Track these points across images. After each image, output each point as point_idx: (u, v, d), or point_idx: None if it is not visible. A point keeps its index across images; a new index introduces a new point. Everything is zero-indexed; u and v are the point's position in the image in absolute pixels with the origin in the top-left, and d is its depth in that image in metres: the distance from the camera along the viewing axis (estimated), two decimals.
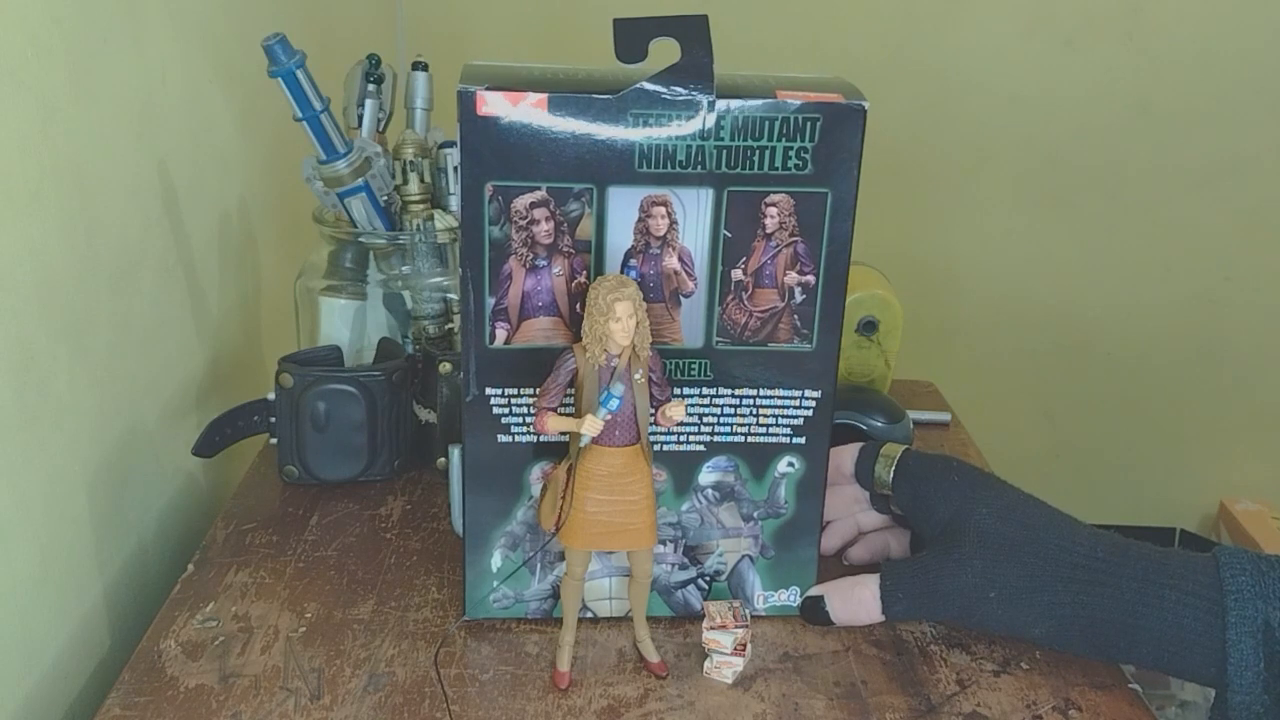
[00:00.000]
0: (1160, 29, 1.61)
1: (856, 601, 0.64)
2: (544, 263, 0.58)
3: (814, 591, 0.65)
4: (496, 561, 0.64)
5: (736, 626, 0.60)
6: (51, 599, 0.64)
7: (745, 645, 0.61)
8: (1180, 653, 0.58)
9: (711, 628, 0.60)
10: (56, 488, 0.64)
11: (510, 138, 0.56)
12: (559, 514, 0.58)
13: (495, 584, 0.64)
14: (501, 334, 0.59)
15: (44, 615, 0.63)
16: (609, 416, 0.55)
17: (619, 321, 0.54)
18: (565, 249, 0.58)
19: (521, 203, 0.57)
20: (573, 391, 0.57)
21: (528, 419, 0.61)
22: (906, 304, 0.92)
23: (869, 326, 0.90)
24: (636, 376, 0.56)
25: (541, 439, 0.61)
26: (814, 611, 0.65)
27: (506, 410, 0.61)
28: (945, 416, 0.96)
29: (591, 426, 0.55)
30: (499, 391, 0.60)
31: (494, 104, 0.55)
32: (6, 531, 0.59)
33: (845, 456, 0.71)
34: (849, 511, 0.73)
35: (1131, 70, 1.62)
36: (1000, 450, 1.00)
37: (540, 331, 0.59)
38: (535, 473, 0.62)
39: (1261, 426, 1.77)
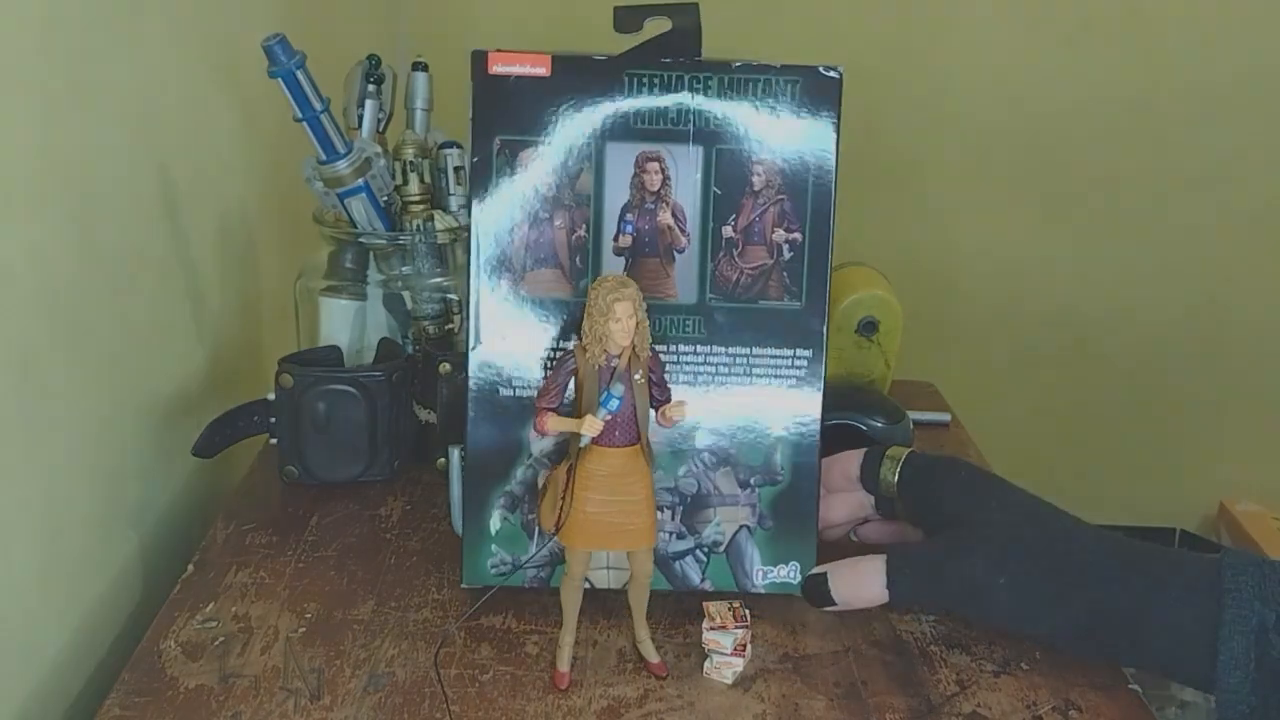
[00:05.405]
0: (1160, 29, 1.60)
1: (860, 578, 0.63)
2: (546, 215, 0.62)
3: (817, 570, 0.65)
4: (495, 524, 0.64)
5: (736, 627, 0.60)
6: (51, 599, 0.64)
7: (745, 646, 0.61)
8: (1176, 652, 0.58)
9: (711, 628, 0.60)
10: (56, 488, 0.64)
11: (517, 95, 0.62)
12: (559, 514, 0.58)
13: (493, 548, 0.65)
14: (506, 284, 0.63)
15: (44, 615, 0.63)
16: (609, 417, 0.55)
17: (619, 322, 0.54)
18: (566, 202, 0.62)
19: (527, 155, 0.62)
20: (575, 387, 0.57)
21: (530, 375, 0.63)
22: (906, 304, 0.92)
23: (869, 326, 0.90)
24: (636, 377, 0.56)
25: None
26: (816, 591, 0.64)
27: (508, 363, 0.63)
28: (945, 417, 0.96)
29: (591, 427, 0.55)
30: (502, 341, 0.63)
31: (503, 64, 0.62)
32: (6, 531, 0.59)
33: (850, 461, 0.71)
34: (854, 517, 0.73)
35: (1131, 70, 1.62)
36: (1000, 450, 1.00)
37: (543, 284, 0.63)
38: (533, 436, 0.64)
39: (1261, 426, 1.77)
